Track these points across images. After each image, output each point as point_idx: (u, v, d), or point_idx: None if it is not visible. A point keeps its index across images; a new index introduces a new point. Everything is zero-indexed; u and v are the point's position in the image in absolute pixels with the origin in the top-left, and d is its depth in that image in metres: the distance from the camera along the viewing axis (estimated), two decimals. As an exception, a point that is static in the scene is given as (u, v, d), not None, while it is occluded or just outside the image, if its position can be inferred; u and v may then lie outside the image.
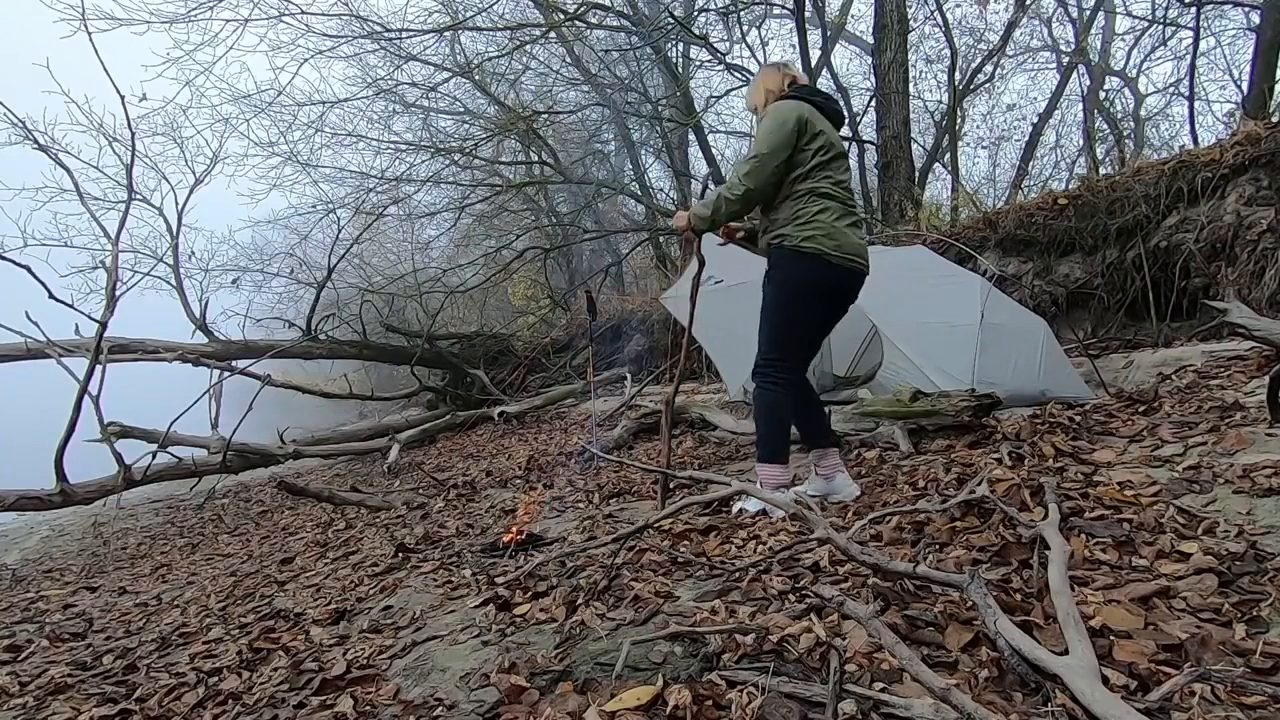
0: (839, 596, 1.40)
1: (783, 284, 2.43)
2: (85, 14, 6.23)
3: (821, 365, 5.67)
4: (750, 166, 2.38)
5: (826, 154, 2.39)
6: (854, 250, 2.42)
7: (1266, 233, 4.33)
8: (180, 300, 8.58)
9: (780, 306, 2.43)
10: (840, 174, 2.44)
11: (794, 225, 2.38)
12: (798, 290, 2.40)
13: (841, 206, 2.41)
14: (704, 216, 2.53)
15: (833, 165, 2.42)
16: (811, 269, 2.37)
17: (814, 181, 2.38)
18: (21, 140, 7.40)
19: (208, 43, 7.95)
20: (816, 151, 2.38)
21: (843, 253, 2.37)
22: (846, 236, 2.39)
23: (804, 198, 2.38)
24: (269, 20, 7.97)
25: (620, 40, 9.81)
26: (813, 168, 2.38)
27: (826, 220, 2.36)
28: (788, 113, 2.38)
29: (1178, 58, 10.39)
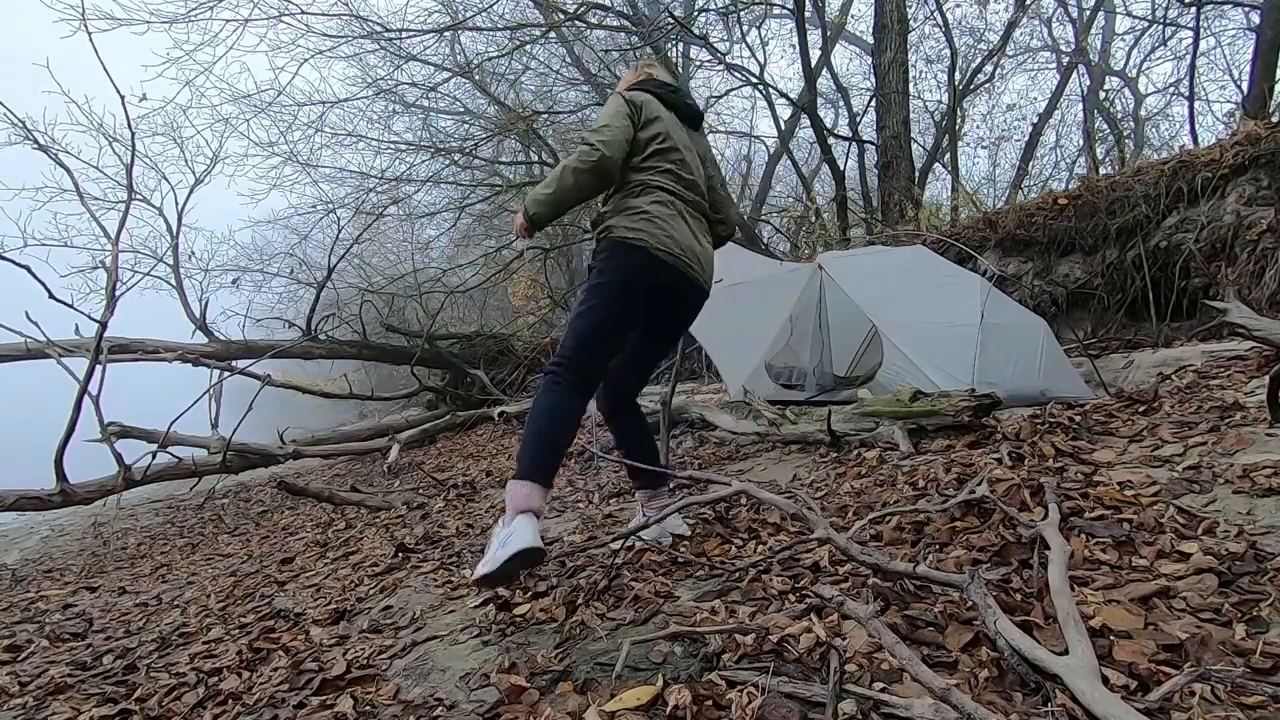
0: (839, 596, 1.40)
1: (600, 275, 2.10)
2: (85, 14, 6.24)
3: (821, 365, 5.68)
4: (601, 134, 2.07)
5: (663, 143, 2.16)
6: (690, 254, 2.13)
7: (1266, 233, 4.33)
8: (180, 300, 8.59)
9: (592, 302, 2.07)
10: (685, 172, 2.19)
11: (622, 215, 2.10)
12: (615, 284, 2.07)
13: (683, 205, 2.17)
14: (545, 199, 2.12)
15: (672, 158, 2.16)
16: (633, 262, 2.06)
17: (649, 174, 2.14)
18: (21, 140, 7.41)
19: (208, 43, 7.97)
20: (652, 140, 2.15)
21: (674, 253, 2.09)
22: (684, 238, 2.13)
23: (637, 189, 2.13)
24: (269, 20, 7.98)
25: (620, 40, 9.81)
26: (649, 156, 2.14)
27: (660, 214, 2.10)
28: (622, 97, 2.19)
29: (1178, 58, 10.41)
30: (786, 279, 5.41)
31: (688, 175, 2.20)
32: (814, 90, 9.70)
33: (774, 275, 5.36)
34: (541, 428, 1.95)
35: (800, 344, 5.87)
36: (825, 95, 12.91)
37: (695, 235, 2.20)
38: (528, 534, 1.72)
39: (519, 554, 1.68)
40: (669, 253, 2.08)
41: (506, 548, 1.70)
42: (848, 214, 9.26)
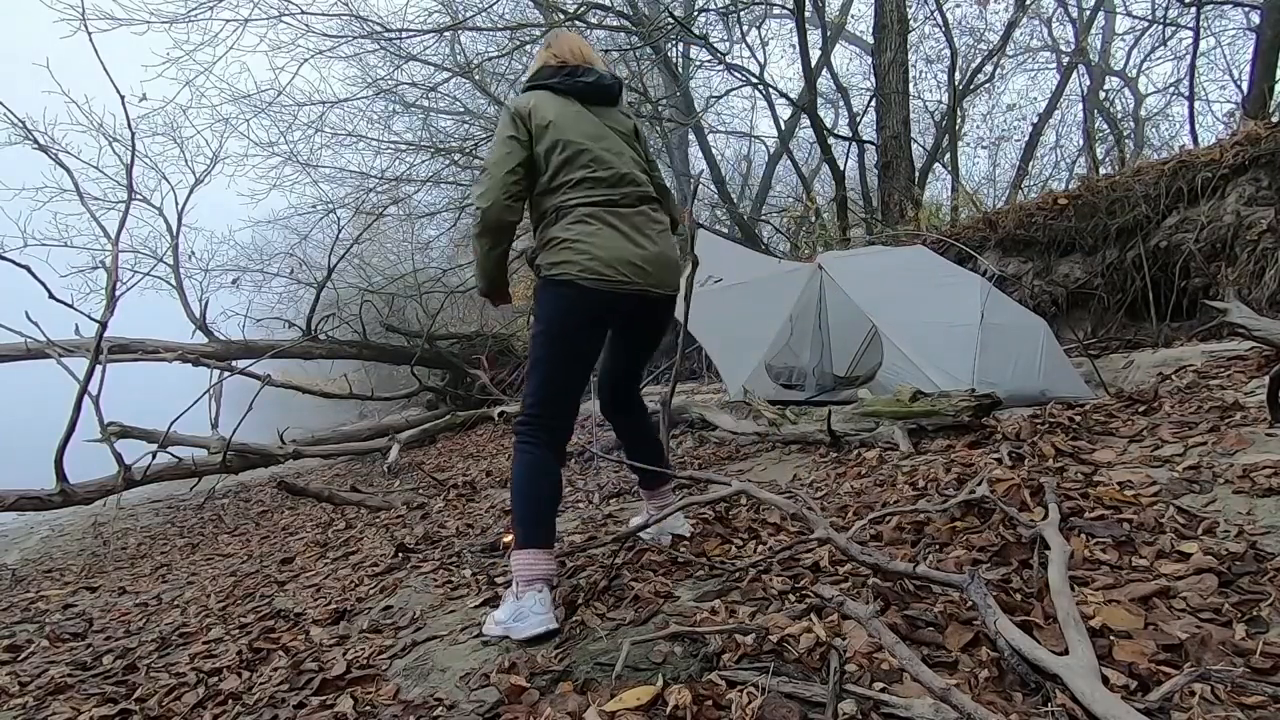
0: (839, 596, 1.40)
1: (536, 323, 1.92)
2: (85, 14, 6.23)
3: (821, 365, 5.68)
4: (480, 185, 1.91)
5: (563, 151, 1.87)
6: (624, 264, 1.86)
7: (1266, 233, 4.33)
8: (180, 300, 8.59)
9: (536, 355, 1.90)
10: (604, 168, 1.90)
11: (544, 250, 1.90)
12: (550, 331, 1.87)
13: (610, 208, 1.89)
14: (477, 273, 2.05)
15: (580, 162, 1.88)
16: (562, 302, 1.86)
17: (560, 193, 1.89)
18: (21, 140, 7.41)
19: (208, 43, 7.95)
20: (551, 151, 1.87)
21: (603, 275, 1.83)
22: (615, 249, 1.86)
23: (553, 215, 1.90)
24: (269, 20, 7.96)
25: (620, 40, 9.81)
26: (555, 172, 1.88)
27: (581, 235, 1.85)
28: (508, 111, 1.93)
29: (1178, 58, 10.40)
30: (786, 279, 5.41)
31: (607, 171, 1.91)
32: (814, 90, 9.70)
33: (774, 275, 5.36)
34: (525, 492, 1.84)
35: (800, 344, 5.87)
36: (825, 95, 12.91)
37: (633, 238, 1.90)
38: (542, 614, 1.67)
39: (536, 638, 1.65)
40: (597, 276, 1.83)
41: (521, 624, 1.67)
42: (848, 214, 9.26)
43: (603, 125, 1.96)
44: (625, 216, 1.91)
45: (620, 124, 2.01)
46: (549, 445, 1.87)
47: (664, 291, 1.99)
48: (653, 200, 2.00)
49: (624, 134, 2.00)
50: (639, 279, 1.89)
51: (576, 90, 1.95)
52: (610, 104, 2.01)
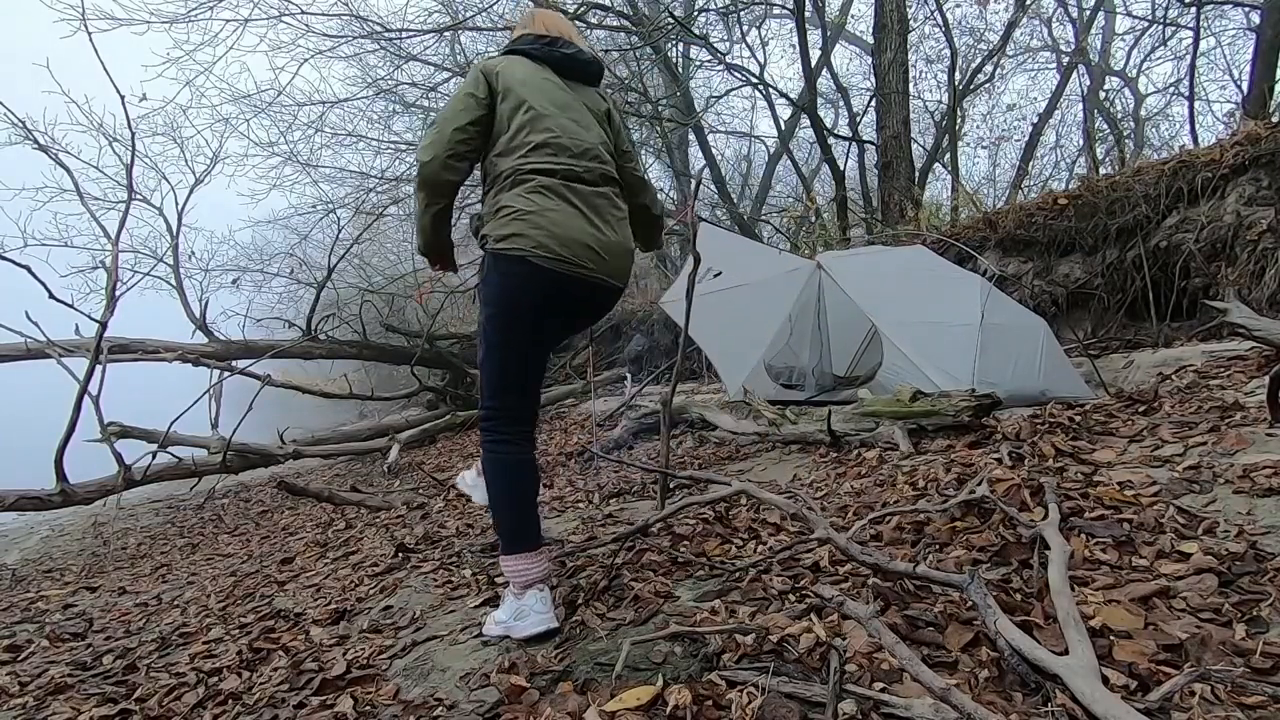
0: (839, 596, 1.40)
1: (484, 305, 1.77)
2: (85, 14, 6.24)
3: (820, 365, 5.68)
4: (426, 138, 1.78)
5: (527, 112, 1.75)
6: (580, 247, 1.71)
7: (1266, 233, 4.33)
8: (180, 300, 8.59)
9: (486, 342, 1.76)
10: (570, 138, 1.77)
11: (494, 220, 1.73)
12: (501, 315, 1.73)
13: (569, 183, 1.74)
14: (416, 229, 1.91)
15: (543, 125, 1.75)
16: (512, 280, 1.70)
17: (518, 155, 1.73)
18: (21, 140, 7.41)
19: (208, 43, 7.96)
20: (516, 110, 1.75)
21: (557, 254, 1.68)
22: (572, 228, 1.71)
23: (508, 180, 1.74)
24: (269, 20, 7.97)
25: (620, 40, 9.81)
26: (515, 133, 1.74)
27: (536, 207, 1.69)
28: (476, 69, 1.82)
29: (1178, 58, 10.40)
30: (786, 279, 5.41)
31: (573, 142, 1.77)
32: (814, 90, 9.70)
33: (773, 275, 5.36)
34: (502, 495, 1.75)
35: (800, 344, 5.87)
36: (825, 95, 12.91)
37: (591, 219, 1.75)
38: (543, 613, 1.65)
39: (536, 637, 1.63)
40: (551, 255, 1.68)
41: (522, 623, 1.64)
42: (848, 214, 9.26)
43: (574, 97, 1.84)
44: (585, 196, 1.76)
45: (593, 102, 1.89)
46: (518, 439, 1.78)
47: (616, 282, 1.83)
48: (615, 183, 1.86)
49: (595, 112, 1.88)
50: (593, 265, 1.74)
51: (553, 59, 1.85)
52: (587, 82, 1.91)
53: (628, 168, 1.95)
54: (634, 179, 1.97)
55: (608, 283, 1.80)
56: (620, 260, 1.82)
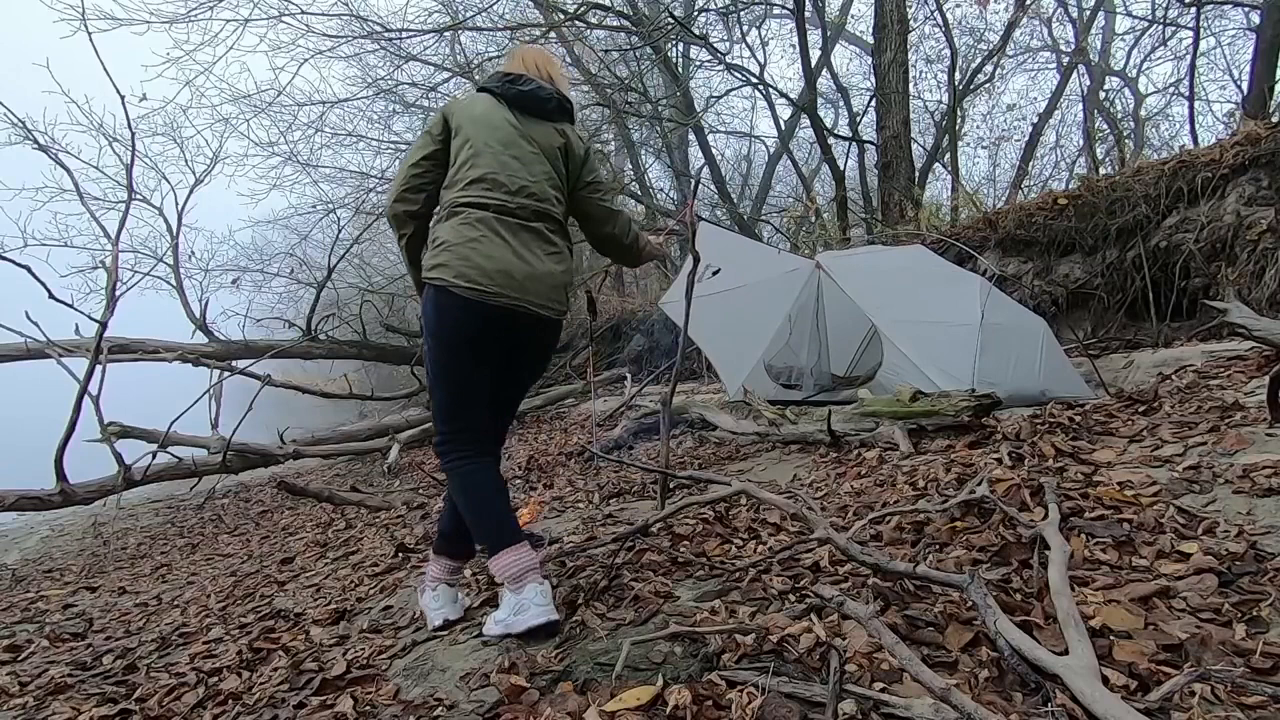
0: (839, 596, 1.40)
1: (425, 332, 1.84)
2: (85, 14, 6.24)
3: (820, 365, 5.68)
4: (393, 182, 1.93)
5: (470, 148, 1.82)
6: (505, 278, 1.74)
7: (1266, 233, 4.33)
8: (180, 300, 8.60)
9: (430, 367, 1.83)
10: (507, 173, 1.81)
11: (429, 251, 1.82)
12: (439, 345, 1.79)
13: (499, 215, 1.78)
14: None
15: (481, 162, 1.81)
16: (442, 311, 1.76)
17: (456, 189, 1.82)
18: (21, 140, 7.42)
19: (208, 43, 7.97)
20: (462, 147, 1.84)
21: (480, 285, 1.72)
22: (498, 259, 1.75)
23: (444, 213, 1.84)
24: (269, 20, 7.98)
25: (620, 40, 9.81)
26: (459, 168, 1.83)
27: (463, 238, 1.75)
28: (439, 109, 1.95)
29: (1178, 58, 10.41)
30: (785, 279, 5.41)
31: (509, 178, 1.81)
32: (814, 90, 9.70)
33: (773, 275, 5.36)
34: (473, 506, 1.79)
35: (799, 344, 5.87)
36: (825, 95, 12.92)
37: (518, 251, 1.78)
38: (543, 605, 1.64)
39: (537, 629, 1.62)
40: (471, 284, 1.72)
41: (522, 617, 1.64)
42: (848, 214, 9.26)
43: (522, 135, 1.87)
44: (514, 230, 1.80)
45: (546, 138, 1.90)
46: (477, 454, 1.81)
47: (544, 312, 1.83)
48: (551, 220, 1.87)
49: (546, 149, 1.90)
50: (515, 294, 1.76)
51: (510, 96, 1.91)
52: (545, 118, 1.92)
53: (593, 199, 1.99)
54: (600, 210, 2.01)
55: (532, 311, 1.80)
56: (548, 291, 1.83)
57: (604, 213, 2.01)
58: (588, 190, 1.97)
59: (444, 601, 1.90)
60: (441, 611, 1.88)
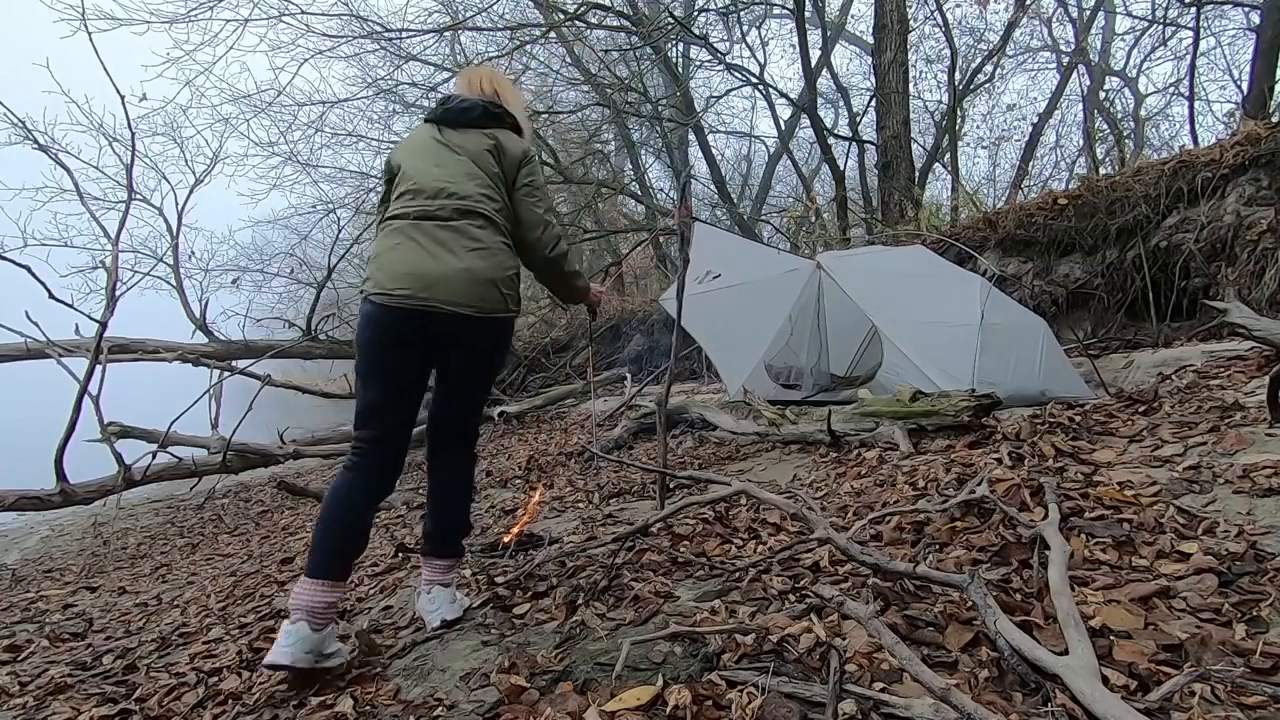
0: (839, 596, 1.40)
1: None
2: (85, 14, 6.24)
3: (819, 365, 5.68)
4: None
5: (399, 168, 1.90)
6: (415, 279, 1.73)
7: (1266, 233, 4.33)
8: (180, 300, 8.61)
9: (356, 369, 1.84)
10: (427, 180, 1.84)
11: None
12: (358, 348, 1.81)
13: (414, 222, 1.80)
14: None
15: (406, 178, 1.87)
16: (361, 319, 1.80)
17: (388, 210, 1.88)
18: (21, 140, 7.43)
19: (208, 43, 7.97)
20: (395, 174, 1.92)
21: (388, 289, 1.73)
22: (410, 262, 1.75)
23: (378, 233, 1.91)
24: (269, 20, 7.98)
25: (620, 40, 9.81)
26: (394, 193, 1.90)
27: (382, 249, 1.81)
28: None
29: (1178, 58, 10.41)
30: (786, 279, 5.41)
31: (429, 183, 1.83)
32: (814, 90, 9.71)
33: (773, 275, 5.36)
34: (320, 517, 1.75)
35: (800, 344, 5.87)
36: (825, 95, 12.92)
37: (431, 252, 1.76)
38: (282, 646, 1.60)
39: (273, 664, 1.62)
40: (381, 291, 1.73)
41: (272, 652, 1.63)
42: (848, 214, 9.26)
43: (445, 145, 1.89)
44: (432, 231, 1.78)
45: (473, 143, 1.89)
46: (365, 471, 1.77)
47: (461, 310, 1.74)
48: (478, 216, 1.81)
49: (473, 152, 1.88)
50: (422, 294, 1.71)
51: (437, 116, 1.95)
52: (471, 125, 1.92)
53: (526, 202, 1.91)
54: (530, 215, 1.91)
55: (444, 310, 1.73)
56: (464, 288, 1.74)
57: (533, 218, 1.91)
58: (522, 193, 1.91)
59: (440, 603, 1.88)
60: (438, 613, 1.86)
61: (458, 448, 1.97)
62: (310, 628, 1.62)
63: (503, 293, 1.81)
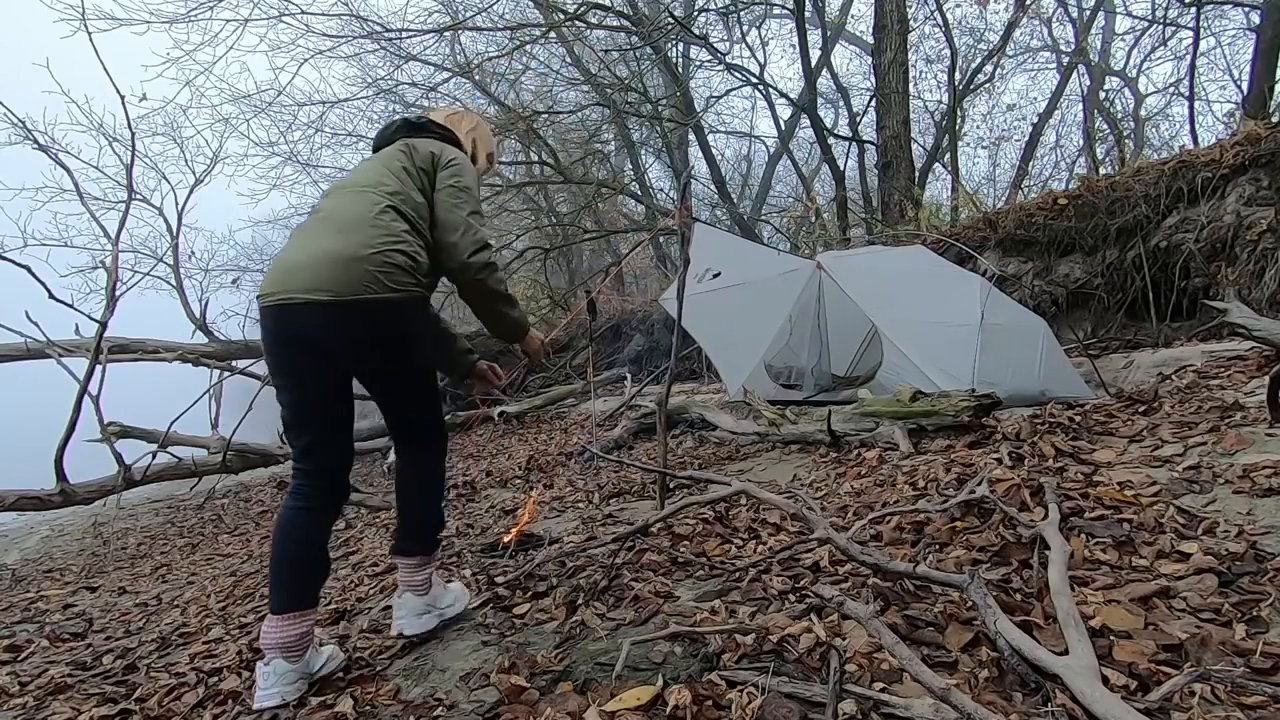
0: (839, 596, 1.40)
1: None
2: (85, 14, 6.24)
3: (820, 365, 5.68)
4: None
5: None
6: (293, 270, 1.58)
7: (1266, 233, 4.33)
8: (180, 300, 8.61)
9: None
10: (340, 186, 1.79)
11: None
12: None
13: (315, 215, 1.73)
14: None
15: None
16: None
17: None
18: (21, 140, 7.43)
19: (208, 43, 7.97)
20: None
21: (266, 291, 1.60)
22: (294, 253, 1.63)
23: None
24: (269, 20, 7.98)
25: (620, 40, 9.82)
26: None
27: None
28: None
29: (1178, 58, 10.41)
30: (786, 279, 5.41)
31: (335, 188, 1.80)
32: (814, 90, 9.71)
33: (773, 275, 5.37)
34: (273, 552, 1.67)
35: (800, 344, 5.87)
36: (825, 95, 12.92)
37: (303, 241, 1.64)
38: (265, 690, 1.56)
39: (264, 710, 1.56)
40: (264, 293, 1.61)
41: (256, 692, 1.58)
42: (848, 214, 9.26)
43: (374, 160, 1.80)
44: (328, 216, 1.67)
45: (387, 155, 1.78)
46: (307, 498, 1.68)
47: (315, 296, 1.53)
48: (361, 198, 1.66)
49: (384, 158, 1.77)
50: (280, 288, 1.57)
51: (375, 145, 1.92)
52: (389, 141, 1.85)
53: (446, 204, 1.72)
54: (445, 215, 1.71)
55: (295, 300, 1.54)
56: (324, 270, 1.54)
57: (452, 219, 1.70)
58: (442, 194, 1.74)
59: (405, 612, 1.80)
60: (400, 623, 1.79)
61: (415, 446, 1.85)
62: (287, 662, 1.58)
63: (371, 270, 1.55)
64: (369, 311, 1.56)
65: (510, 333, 1.90)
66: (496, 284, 1.76)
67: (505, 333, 1.89)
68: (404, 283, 1.59)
